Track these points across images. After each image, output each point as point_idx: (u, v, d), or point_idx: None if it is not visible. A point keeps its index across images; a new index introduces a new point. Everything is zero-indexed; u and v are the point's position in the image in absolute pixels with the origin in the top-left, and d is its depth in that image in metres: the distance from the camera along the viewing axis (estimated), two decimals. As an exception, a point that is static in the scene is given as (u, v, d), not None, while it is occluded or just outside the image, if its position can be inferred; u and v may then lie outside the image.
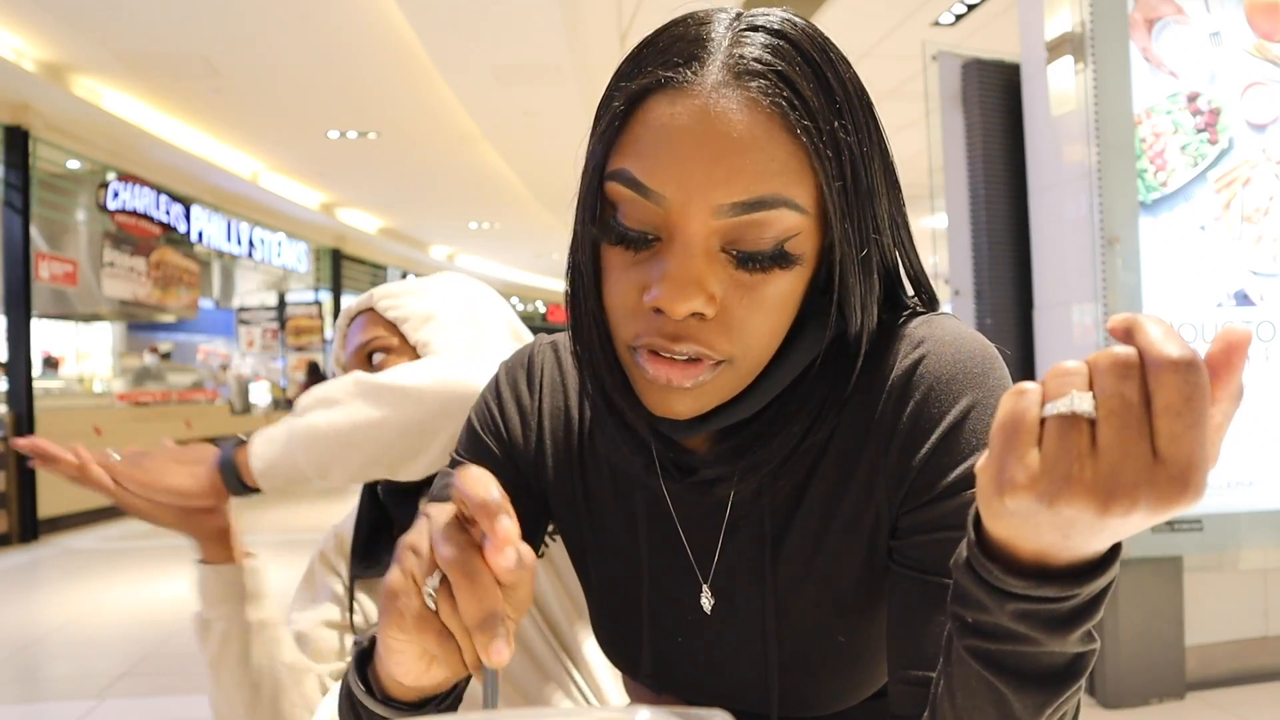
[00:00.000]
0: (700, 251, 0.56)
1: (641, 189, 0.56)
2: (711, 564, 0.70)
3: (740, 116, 0.55)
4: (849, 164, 0.57)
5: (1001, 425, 0.39)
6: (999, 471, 0.39)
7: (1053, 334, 3.16)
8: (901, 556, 0.62)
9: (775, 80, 0.56)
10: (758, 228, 0.56)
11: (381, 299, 1.20)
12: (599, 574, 0.76)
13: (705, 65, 0.56)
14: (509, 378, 0.78)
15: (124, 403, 8.35)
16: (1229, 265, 2.97)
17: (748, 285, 0.57)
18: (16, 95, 6.70)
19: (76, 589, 5.10)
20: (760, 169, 0.55)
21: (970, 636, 0.48)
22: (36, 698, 3.49)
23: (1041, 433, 0.38)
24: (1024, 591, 0.44)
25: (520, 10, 5.35)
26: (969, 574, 0.46)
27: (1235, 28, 2.98)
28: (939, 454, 0.60)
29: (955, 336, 0.63)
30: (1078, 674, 0.47)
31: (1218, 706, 2.86)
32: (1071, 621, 0.45)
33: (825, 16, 5.50)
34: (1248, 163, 2.98)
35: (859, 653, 0.69)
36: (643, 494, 0.71)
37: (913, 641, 0.59)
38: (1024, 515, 0.40)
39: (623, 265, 0.59)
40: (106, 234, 8.14)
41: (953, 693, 0.50)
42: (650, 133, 0.56)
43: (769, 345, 0.59)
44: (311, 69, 6.62)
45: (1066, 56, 2.96)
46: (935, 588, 0.59)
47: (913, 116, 7.04)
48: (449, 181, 10.25)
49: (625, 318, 0.59)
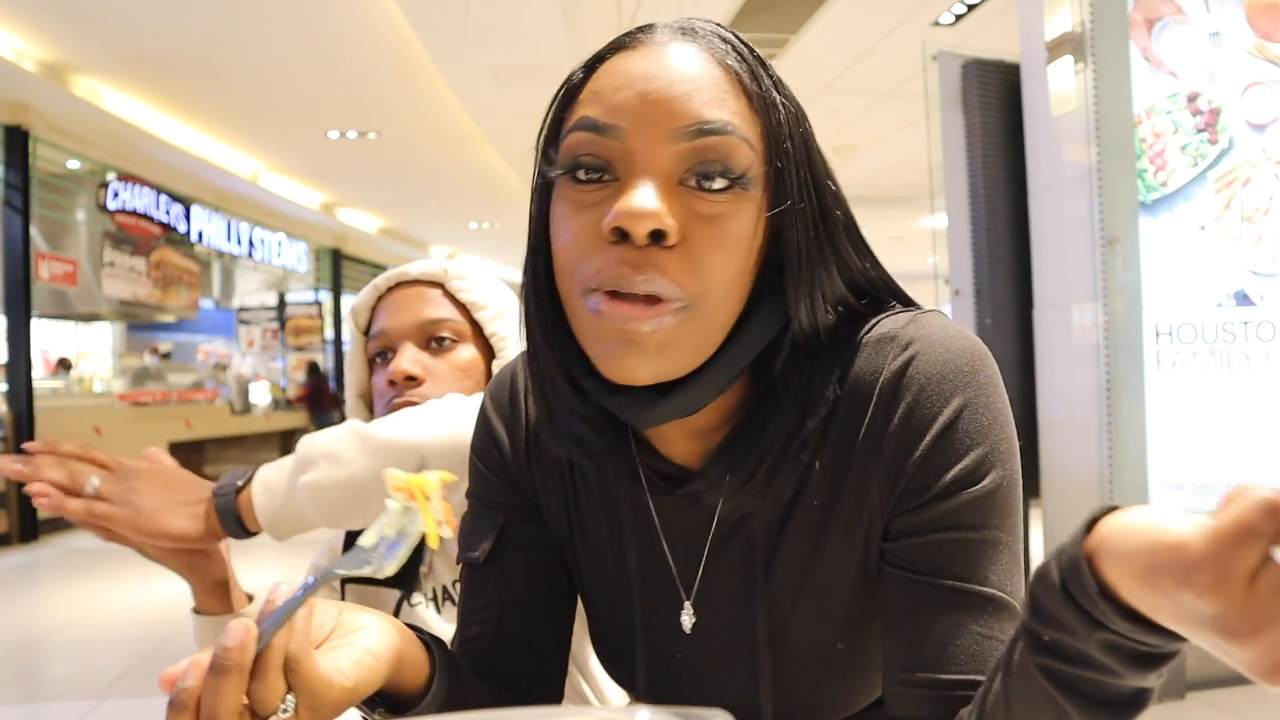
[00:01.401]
0: (660, 176, 0.56)
1: (599, 127, 0.57)
2: (695, 580, 0.69)
3: (692, 58, 0.58)
4: (788, 127, 0.60)
5: (1235, 532, 0.37)
6: (1193, 570, 0.37)
7: (1053, 334, 3.16)
8: (896, 559, 0.61)
9: (718, 39, 0.60)
10: (715, 153, 0.56)
11: (455, 277, 1.11)
12: (593, 589, 0.75)
13: (656, 30, 0.61)
14: (495, 403, 0.77)
15: (124, 403, 8.35)
16: (1229, 265, 2.97)
17: (707, 218, 0.57)
18: (16, 95, 6.71)
19: (76, 589, 5.10)
20: (714, 99, 0.57)
21: (1045, 655, 0.47)
22: (36, 698, 3.49)
23: (1261, 566, 0.37)
24: (1125, 633, 0.43)
25: (520, 10, 5.35)
26: (1061, 596, 0.45)
27: (1235, 28, 2.98)
28: (933, 455, 0.59)
29: (944, 335, 0.62)
30: (1143, 704, 0.47)
31: (1218, 706, 2.85)
32: (1158, 661, 0.45)
33: (825, 16, 5.50)
34: (1248, 163, 2.98)
35: (859, 659, 0.68)
36: (629, 507, 0.70)
37: (912, 643, 0.59)
38: (1184, 614, 0.39)
39: (579, 207, 0.58)
40: (106, 234, 8.14)
41: (1010, 703, 0.50)
42: (606, 81, 0.59)
43: (730, 289, 0.58)
44: (312, 69, 6.62)
45: (1066, 56, 2.96)
46: (933, 589, 0.58)
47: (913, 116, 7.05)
48: (449, 181, 10.25)
49: (581, 258, 0.58)
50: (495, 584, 0.73)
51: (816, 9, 5.42)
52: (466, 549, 0.75)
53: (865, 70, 6.42)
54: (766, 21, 5.59)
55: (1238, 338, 2.97)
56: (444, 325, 1.09)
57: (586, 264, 0.57)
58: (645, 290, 0.55)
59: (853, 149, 8.46)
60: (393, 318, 1.09)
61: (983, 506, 0.59)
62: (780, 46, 5.97)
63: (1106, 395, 2.90)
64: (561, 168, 0.59)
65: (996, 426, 0.60)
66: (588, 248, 0.57)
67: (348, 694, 0.53)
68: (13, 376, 6.81)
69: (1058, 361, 3.14)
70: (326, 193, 10.93)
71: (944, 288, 3.55)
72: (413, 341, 1.08)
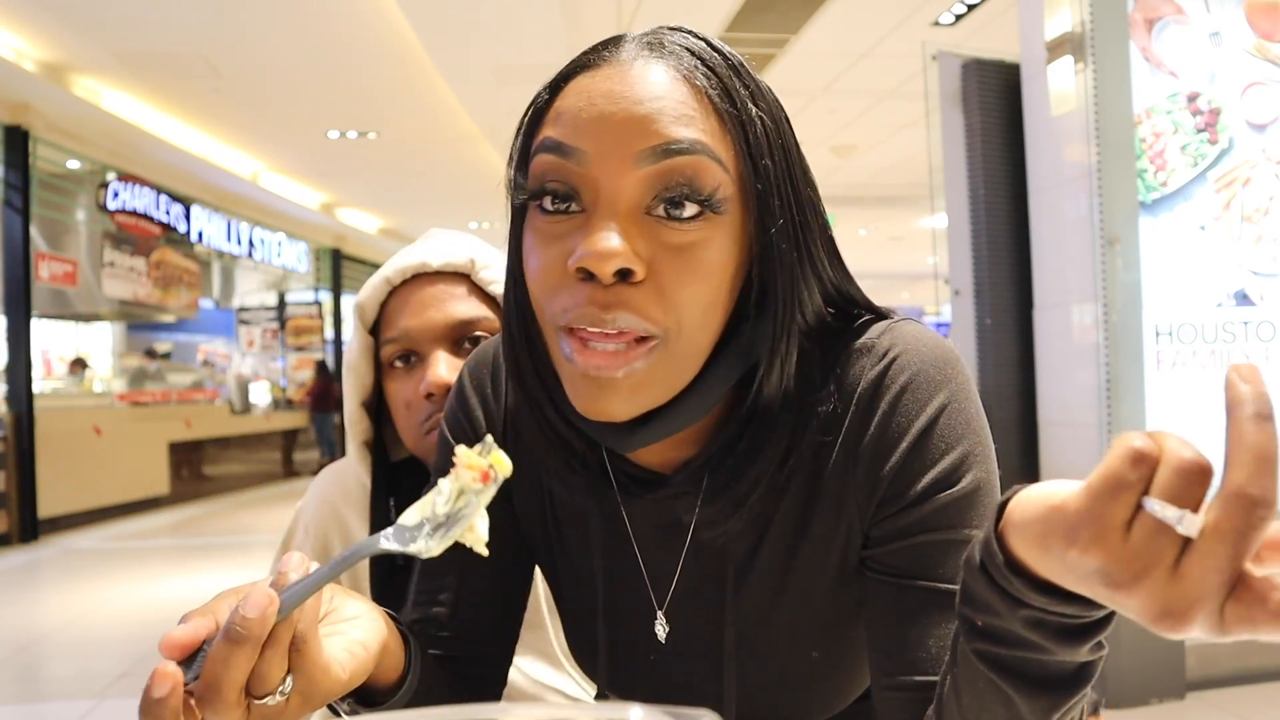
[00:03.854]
0: (625, 209, 0.54)
1: (562, 149, 0.56)
2: (669, 589, 0.68)
3: (657, 76, 0.56)
4: (765, 142, 0.57)
5: (1103, 485, 0.37)
6: (1075, 528, 0.38)
7: (1053, 334, 3.16)
8: (877, 564, 0.61)
9: (689, 54, 0.57)
10: (682, 175, 0.54)
11: (482, 267, 0.97)
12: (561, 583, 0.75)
13: (621, 46, 0.58)
14: (474, 381, 0.75)
15: (124, 403, 8.35)
16: (1229, 265, 2.97)
17: (677, 248, 0.55)
18: (16, 95, 6.70)
19: (76, 589, 5.10)
20: (680, 118, 0.55)
21: (979, 640, 0.48)
22: (36, 698, 3.49)
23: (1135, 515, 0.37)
24: (1042, 606, 0.44)
25: (520, 10, 5.35)
26: (983, 578, 0.46)
27: (1235, 28, 2.98)
28: (910, 460, 0.59)
29: (917, 343, 0.62)
30: (1085, 680, 0.47)
31: (1218, 706, 2.85)
32: (1083, 633, 0.45)
33: (825, 16, 5.50)
34: (1248, 163, 2.98)
35: (833, 667, 0.68)
36: (598, 508, 0.69)
37: (897, 648, 0.58)
38: (1075, 573, 0.39)
39: (547, 239, 0.57)
40: (106, 234, 8.14)
41: (959, 693, 0.50)
42: (570, 101, 0.57)
43: (704, 320, 0.56)
44: (311, 69, 6.61)
45: (1066, 56, 2.96)
46: (916, 592, 0.58)
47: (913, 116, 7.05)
48: (449, 181, 10.24)
49: (550, 293, 0.56)
50: (454, 565, 0.71)
51: (816, 9, 5.41)
52: None
53: (865, 70, 6.42)
54: (766, 21, 5.59)
55: (1238, 338, 2.97)
56: (478, 325, 0.95)
57: (556, 300, 0.56)
58: (615, 328, 0.54)
59: (853, 149, 8.45)
60: (416, 317, 0.95)
61: (961, 507, 0.59)
62: (780, 46, 5.97)
63: (1106, 395, 2.90)
64: (529, 193, 0.58)
65: (972, 430, 0.60)
66: (557, 283, 0.56)
67: (340, 685, 0.53)
68: (13, 377, 6.81)
69: (1058, 361, 3.14)
70: (326, 193, 10.93)
71: (944, 288, 3.55)
72: (443, 345, 0.95)
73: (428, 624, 0.72)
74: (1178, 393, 2.93)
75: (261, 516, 7.97)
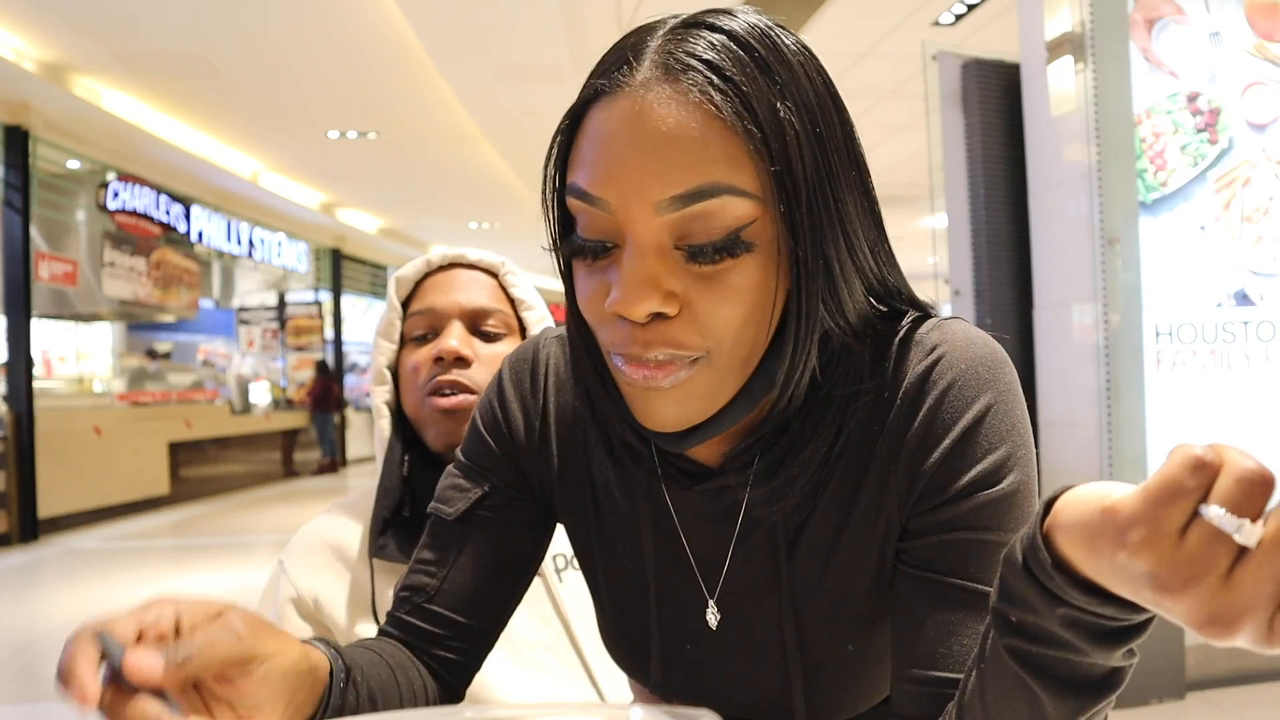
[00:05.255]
0: (651, 251, 0.55)
1: (588, 198, 0.56)
2: (719, 577, 0.69)
3: (669, 111, 0.54)
4: (796, 146, 0.55)
5: (1161, 490, 0.38)
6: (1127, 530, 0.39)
7: (1053, 334, 3.16)
8: (911, 557, 0.61)
9: (703, 70, 0.54)
10: (704, 219, 0.54)
11: (509, 271, 1.12)
12: (606, 579, 0.75)
13: (636, 66, 0.56)
14: (513, 374, 0.76)
15: (124, 403, 8.35)
16: (1229, 265, 2.97)
17: (707, 277, 0.55)
18: (16, 95, 6.71)
19: (76, 589, 5.10)
20: (695, 159, 0.54)
21: (1012, 636, 0.48)
22: (36, 698, 3.48)
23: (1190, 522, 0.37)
24: (1083, 605, 0.44)
25: (520, 10, 5.35)
26: (1024, 574, 0.46)
27: (1235, 28, 2.98)
28: (953, 457, 0.59)
29: (967, 341, 0.62)
30: (1115, 685, 0.48)
31: (1218, 706, 2.86)
32: (1119, 637, 0.45)
33: (825, 16, 5.50)
34: (1248, 163, 2.98)
35: (868, 661, 0.68)
36: (648, 501, 0.70)
37: (919, 641, 0.59)
38: (1123, 575, 0.40)
39: (588, 275, 0.59)
40: (106, 234, 8.14)
41: (984, 690, 0.50)
42: (589, 142, 0.57)
43: (742, 337, 0.57)
44: (311, 69, 6.62)
45: (1066, 56, 2.96)
46: (946, 587, 0.58)
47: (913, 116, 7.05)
48: (449, 181, 10.25)
49: (597, 324, 0.59)
50: (456, 544, 0.73)
51: (816, 9, 5.42)
52: (441, 502, 0.75)
53: (865, 70, 6.42)
54: (766, 21, 5.59)
55: (1238, 338, 2.97)
56: (494, 315, 1.09)
57: (602, 331, 0.59)
58: (655, 360, 0.56)
59: (853, 149, 8.44)
60: (444, 296, 1.09)
61: (999, 508, 0.59)
62: (780, 46, 5.96)
63: (1106, 395, 2.90)
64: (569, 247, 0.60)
65: (1016, 432, 0.61)
66: (601, 316, 0.58)
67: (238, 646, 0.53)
68: (13, 376, 6.81)
69: (1058, 361, 3.14)
70: (326, 193, 10.93)
71: (944, 288, 3.55)
72: (461, 323, 1.08)
73: (411, 592, 0.73)
74: (1178, 393, 2.93)
75: (261, 516, 7.97)
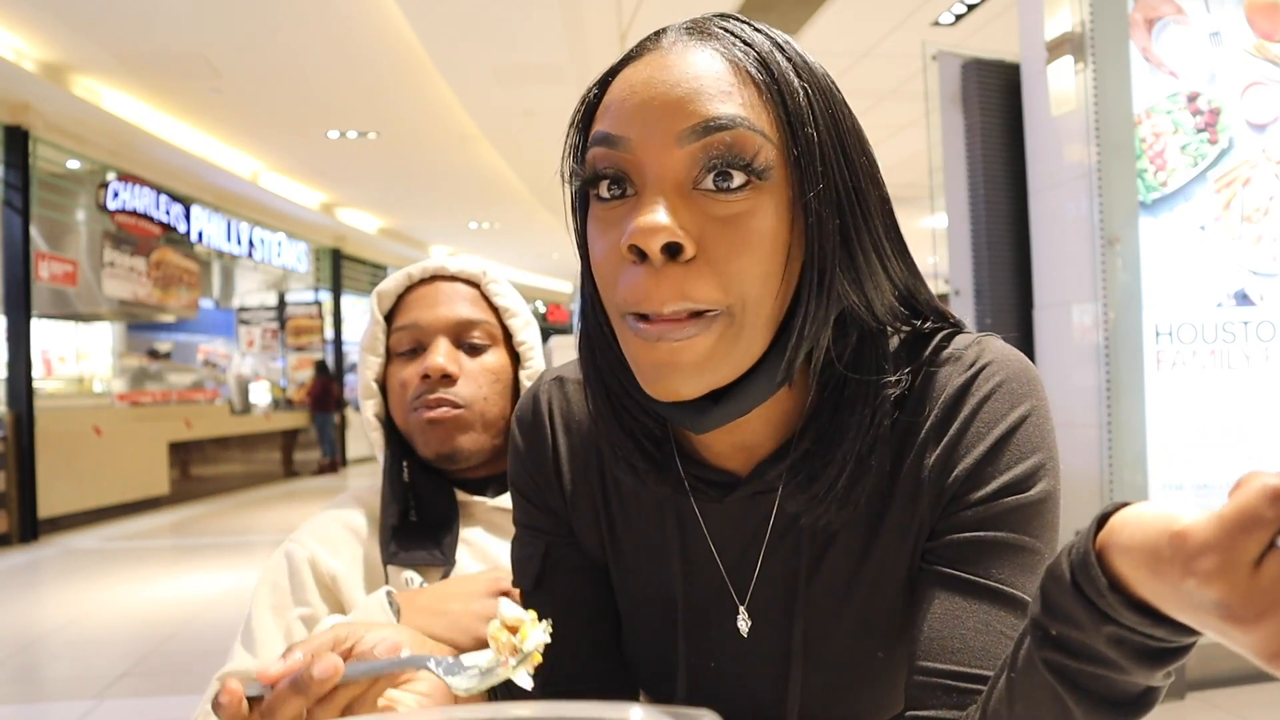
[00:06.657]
0: (672, 186, 0.56)
1: (610, 140, 0.57)
2: (749, 584, 0.69)
3: (695, 58, 0.57)
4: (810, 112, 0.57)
5: (1238, 519, 0.37)
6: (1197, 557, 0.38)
7: (1053, 334, 3.16)
8: (934, 555, 0.62)
9: (729, 34, 0.59)
10: (722, 147, 0.55)
11: (491, 281, 1.10)
12: (627, 601, 0.75)
13: (663, 35, 0.60)
14: (522, 429, 0.77)
15: (124, 403, 8.35)
16: (1229, 265, 2.97)
17: (725, 220, 0.55)
18: (16, 95, 6.71)
19: (76, 589, 5.10)
20: (717, 95, 0.56)
21: (1051, 649, 0.47)
22: (36, 698, 3.49)
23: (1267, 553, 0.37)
24: (1133, 625, 0.43)
25: (520, 10, 5.35)
26: (1071, 590, 0.46)
27: (1235, 28, 2.98)
28: (986, 462, 0.60)
29: (1005, 356, 0.64)
30: (1147, 705, 0.47)
31: (1218, 706, 2.85)
32: (1163, 657, 0.45)
33: (825, 16, 5.50)
34: (1248, 163, 2.98)
35: (896, 668, 0.68)
36: (674, 517, 0.70)
37: (935, 634, 0.59)
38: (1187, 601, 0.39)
39: (605, 226, 0.59)
40: (106, 234, 8.14)
41: (1013, 700, 0.50)
42: (615, 94, 0.59)
43: (760, 294, 0.56)
44: (311, 69, 6.62)
45: (1066, 56, 2.96)
46: (965, 584, 0.59)
47: (913, 116, 7.05)
48: (449, 181, 10.25)
49: (611, 280, 0.58)
50: (547, 609, 0.70)
51: (816, 9, 5.42)
52: (519, 576, 0.76)
53: (865, 70, 6.42)
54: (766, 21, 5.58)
55: (1238, 338, 2.97)
56: (479, 327, 1.08)
57: (616, 285, 0.58)
58: (670, 312, 0.55)
59: (853, 149, 8.43)
60: (427, 311, 1.07)
61: (1027, 514, 0.60)
62: (780, 46, 5.96)
63: (1106, 395, 2.90)
64: (584, 179, 0.60)
65: (1047, 443, 0.62)
66: (615, 267, 0.58)
67: None
68: (13, 376, 6.81)
69: (1058, 361, 3.14)
70: (326, 193, 10.93)
71: (944, 288, 3.55)
72: (450, 337, 1.07)
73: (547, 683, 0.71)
74: (1178, 393, 2.93)
75: (261, 516, 7.97)
